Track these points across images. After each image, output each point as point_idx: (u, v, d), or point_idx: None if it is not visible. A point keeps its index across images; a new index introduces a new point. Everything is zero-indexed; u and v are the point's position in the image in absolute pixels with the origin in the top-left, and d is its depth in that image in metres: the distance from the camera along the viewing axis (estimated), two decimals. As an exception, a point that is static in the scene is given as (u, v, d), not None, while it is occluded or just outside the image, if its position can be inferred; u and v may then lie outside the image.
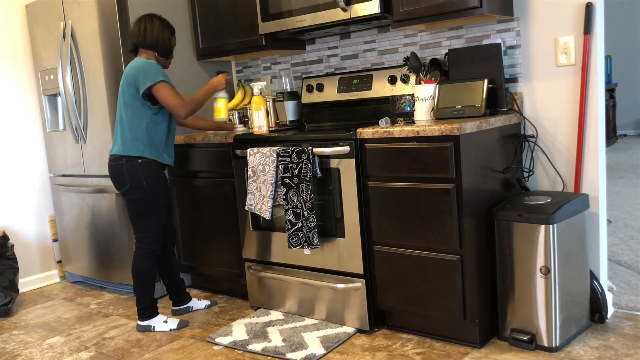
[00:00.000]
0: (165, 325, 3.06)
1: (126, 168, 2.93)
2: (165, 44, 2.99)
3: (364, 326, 2.80)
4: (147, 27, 2.93)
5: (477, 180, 2.51)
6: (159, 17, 3.00)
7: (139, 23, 2.96)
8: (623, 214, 4.46)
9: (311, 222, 2.78)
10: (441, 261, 2.51)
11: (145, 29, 2.93)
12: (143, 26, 2.94)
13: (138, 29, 2.94)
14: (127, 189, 2.96)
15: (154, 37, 2.94)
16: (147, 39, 2.93)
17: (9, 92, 3.97)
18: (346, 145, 2.69)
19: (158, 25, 2.95)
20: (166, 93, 2.86)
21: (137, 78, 2.85)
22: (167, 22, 3.02)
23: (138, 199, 2.96)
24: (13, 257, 3.66)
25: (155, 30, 2.94)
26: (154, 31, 2.94)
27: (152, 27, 2.94)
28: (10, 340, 3.13)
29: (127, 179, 2.94)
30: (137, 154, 2.92)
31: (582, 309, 2.60)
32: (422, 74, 2.92)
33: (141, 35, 2.93)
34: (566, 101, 2.72)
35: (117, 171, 2.96)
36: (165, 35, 2.97)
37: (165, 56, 3.03)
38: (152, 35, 2.94)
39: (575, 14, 2.64)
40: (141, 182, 2.93)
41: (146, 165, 2.94)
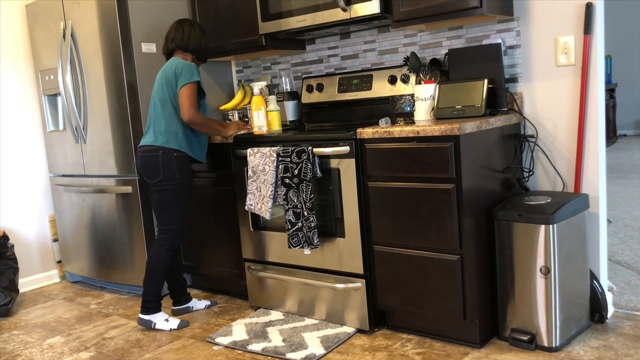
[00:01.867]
0: (165, 323, 3.06)
1: (162, 159, 2.98)
2: (207, 49, 3.15)
3: (364, 326, 2.80)
4: (191, 32, 3.07)
5: (477, 180, 2.51)
6: (197, 23, 3.16)
7: (181, 27, 3.07)
8: (623, 214, 4.46)
9: (311, 222, 2.78)
10: (441, 261, 2.51)
11: (190, 34, 3.06)
12: (187, 31, 3.07)
13: (182, 33, 3.06)
14: (159, 180, 3.00)
15: (197, 42, 3.08)
16: (191, 43, 3.07)
17: (9, 92, 3.97)
18: (346, 145, 2.69)
19: (199, 31, 3.10)
20: (187, 93, 2.94)
21: (179, 76, 2.95)
22: (203, 29, 3.17)
23: (168, 190, 3.00)
24: (13, 257, 3.67)
25: (197, 36, 3.08)
26: (197, 37, 3.08)
27: (195, 32, 3.08)
28: (10, 340, 3.13)
29: (161, 169, 2.98)
30: (174, 146, 2.99)
31: (582, 309, 2.60)
32: (422, 74, 2.92)
33: (185, 39, 3.05)
34: (566, 101, 2.72)
35: (151, 162, 2.99)
36: (204, 41, 3.13)
37: (202, 60, 3.17)
38: (195, 40, 3.07)
39: (575, 14, 2.64)
40: (175, 174, 2.99)
41: (180, 159, 3.01)
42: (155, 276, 3.04)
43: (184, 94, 2.94)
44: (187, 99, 2.94)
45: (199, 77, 2.98)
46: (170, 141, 2.99)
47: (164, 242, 3.04)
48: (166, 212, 3.03)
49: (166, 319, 3.08)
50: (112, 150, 3.53)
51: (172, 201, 3.02)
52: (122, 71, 3.39)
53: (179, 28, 3.07)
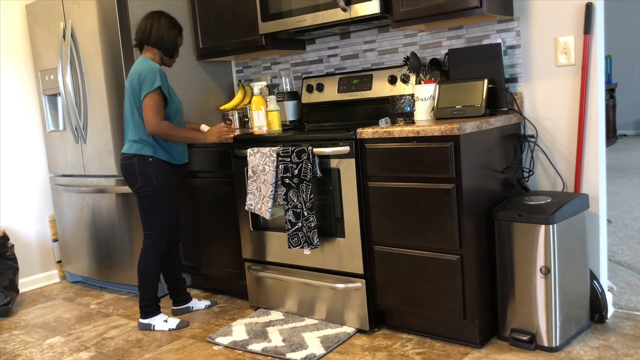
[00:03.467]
0: (165, 324, 3.06)
1: (137, 166, 2.96)
2: (170, 43, 2.98)
3: (364, 326, 2.80)
4: (153, 25, 2.93)
5: (477, 180, 2.51)
6: (167, 15, 2.99)
7: (146, 20, 2.96)
8: (623, 214, 4.46)
9: (311, 222, 2.78)
10: (441, 261, 2.51)
11: (152, 27, 2.93)
12: (150, 23, 2.93)
13: (144, 26, 2.94)
14: (138, 187, 2.98)
15: (159, 35, 2.94)
16: (152, 37, 2.94)
17: (9, 92, 3.97)
18: (346, 145, 2.69)
19: (165, 24, 2.94)
20: (149, 104, 2.85)
21: (142, 84, 2.86)
22: (175, 21, 3.01)
23: (148, 196, 2.98)
24: (13, 257, 3.66)
25: (161, 28, 2.93)
26: (159, 30, 2.93)
27: (159, 25, 2.93)
28: (10, 340, 3.13)
29: (138, 177, 2.96)
30: (148, 153, 2.95)
31: (582, 309, 2.60)
32: (422, 74, 2.92)
33: (147, 32, 2.93)
34: (566, 101, 2.72)
35: (129, 170, 2.99)
36: (171, 35, 2.97)
37: (169, 55, 3.02)
38: (157, 34, 2.93)
39: (575, 14, 2.64)
40: (152, 180, 2.96)
41: (157, 164, 2.97)
42: (147, 281, 3.05)
43: (146, 104, 2.85)
44: (150, 110, 2.85)
45: (160, 83, 2.86)
46: (144, 148, 2.95)
47: (149, 247, 3.04)
48: (148, 217, 3.02)
49: (165, 320, 3.08)
50: (112, 150, 3.53)
51: (152, 206, 3.00)
52: (122, 71, 3.39)
53: (144, 21, 2.96)
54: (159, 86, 2.85)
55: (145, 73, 2.86)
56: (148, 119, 2.86)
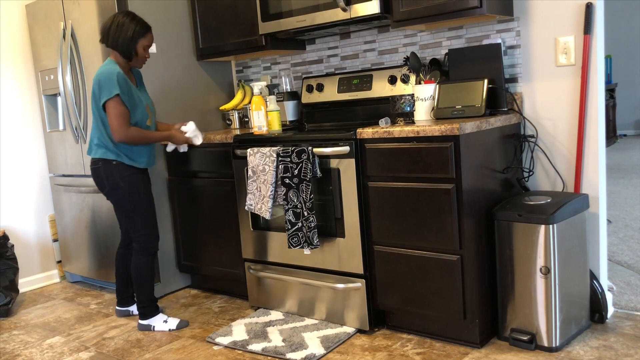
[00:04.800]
0: (164, 325, 3.06)
1: (103, 171, 2.93)
2: (125, 45, 2.83)
3: (364, 326, 2.80)
4: (112, 26, 2.82)
5: (477, 180, 2.51)
6: (131, 16, 2.86)
7: (108, 20, 2.87)
8: (623, 214, 4.46)
9: (311, 222, 2.78)
10: (441, 261, 2.51)
11: (110, 27, 2.82)
12: (109, 23, 2.84)
13: (104, 27, 2.85)
14: (107, 191, 2.97)
15: (115, 37, 2.83)
16: (109, 39, 2.84)
17: (9, 92, 3.97)
18: (346, 145, 2.69)
19: (123, 25, 2.82)
20: (113, 112, 2.79)
21: (101, 91, 2.80)
22: (138, 23, 2.86)
23: (119, 200, 2.97)
24: (13, 257, 3.66)
25: (118, 29, 2.81)
26: (116, 31, 2.82)
27: (117, 26, 2.81)
28: (10, 340, 3.13)
29: (105, 181, 2.94)
30: (112, 157, 2.91)
31: (582, 309, 2.60)
32: (422, 74, 2.92)
33: (104, 33, 2.85)
34: (566, 101, 2.72)
35: (95, 174, 2.97)
36: (127, 36, 2.82)
37: (126, 58, 2.88)
38: (113, 36, 2.83)
39: (575, 14, 2.64)
40: (118, 183, 2.93)
41: (122, 167, 2.92)
42: (142, 282, 3.04)
43: (110, 113, 2.78)
44: (115, 119, 2.78)
45: (117, 90, 2.76)
46: (107, 152, 2.91)
47: (138, 249, 3.02)
48: (129, 220, 3.00)
49: (165, 320, 3.08)
50: (112, 150, 3.52)
51: (129, 209, 2.98)
52: (122, 71, 3.39)
53: (107, 21, 2.86)
54: (117, 94, 2.77)
55: (103, 79, 2.79)
56: (115, 129, 2.80)
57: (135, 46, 2.86)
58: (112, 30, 2.82)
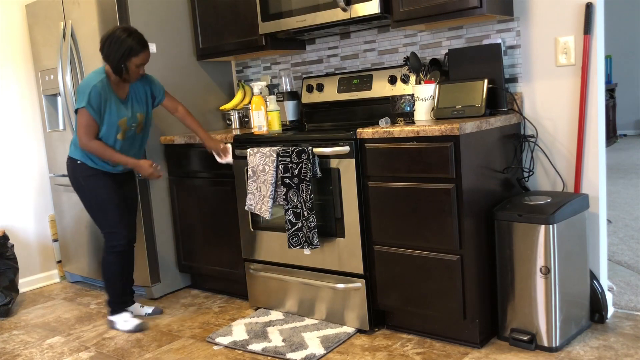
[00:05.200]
0: (124, 324, 3.12)
1: (69, 169, 3.04)
2: (115, 62, 2.83)
3: (364, 326, 2.80)
4: (107, 40, 2.82)
5: (477, 180, 2.51)
6: (128, 33, 2.82)
7: (108, 32, 2.85)
8: (623, 214, 4.46)
9: (311, 222, 2.78)
10: (441, 261, 2.51)
11: (106, 41, 2.83)
12: (106, 36, 2.84)
13: (102, 38, 2.86)
14: (74, 188, 3.07)
15: (108, 52, 2.83)
16: (103, 51, 2.85)
17: (8, 92, 3.97)
18: (346, 145, 2.69)
19: (118, 41, 2.80)
20: (79, 121, 2.86)
21: (77, 96, 2.87)
22: (133, 41, 2.82)
23: (82, 198, 3.07)
24: (13, 257, 3.66)
25: (112, 45, 2.80)
26: (110, 46, 2.81)
27: (112, 41, 2.81)
28: (10, 340, 3.13)
29: (70, 178, 3.05)
30: (76, 156, 3.00)
31: (582, 309, 2.60)
32: (422, 74, 2.92)
33: (101, 44, 2.85)
34: (566, 101, 2.72)
35: (67, 170, 3.08)
36: (118, 54, 2.80)
37: (116, 74, 2.87)
38: (107, 50, 2.83)
39: (575, 14, 2.64)
40: (80, 182, 3.01)
41: (84, 167, 2.99)
42: (106, 279, 3.11)
43: (79, 120, 2.86)
44: (81, 127, 2.86)
45: (84, 103, 2.80)
46: (75, 152, 3.00)
47: (106, 246, 3.08)
48: (95, 217, 3.08)
49: (125, 320, 3.12)
50: (112, 150, 3.52)
51: (92, 206, 3.05)
52: (122, 71, 3.39)
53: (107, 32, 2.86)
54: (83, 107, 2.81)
55: (82, 86, 2.86)
56: (79, 136, 2.88)
57: (127, 64, 2.84)
58: (107, 44, 2.83)
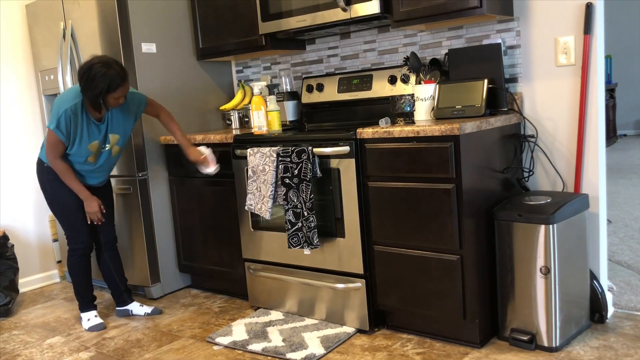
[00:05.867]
0: (86, 322, 3.19)
1: (37, 170, 3.08)
2: (92, 99, 2.77)
3: (364, 326, 2.80)
4: (84, 75, 2.72)
5: (477, 180, 2.51)
6: (106, 69, 2.71)
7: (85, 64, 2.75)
8: (623, 214, 4.46)
9: (311, 222, 2.78)
10: (441, 261, 2.51)
11: (83, 76, 2.73)
12: (83, 69, 2.73)
13: (79, 69, 2.76)
14: (41, 189, 3.09)
15: (84, 87, 2.75)
16: (81, 85, 2.76)
17: (8, 92, 3.97)
18: (346, 145, 2.69)
19: (94, 79, 2.71)
20: (48, 140, 2.85)
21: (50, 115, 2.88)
22: (110, 79, 2.71)
23: (46, 199, 3.10)
24: (13, 257, 3.66)
25: (89, 82, 2.72)
26: (87, 82, 2.73)
27: (88, 78, 2.71)
28: (10, 340, 3.13)
29: (37, 179, 3.08)
30: (44, 160, 3.01)
31: (582, 309, 2.60)
32: (422, 74, 2.92)
33: (78, 75, 2.76)
34: (566, 101, 2.72)
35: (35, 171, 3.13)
36: (94, 93, 2.73)
37: (94, 108, 2.84)
38: (83, 85, 2.75)
39: (575, 14, 2.64)
40: (45, 184, 3.05)
41: (49, 170, 3.00)
42: (73, 279, 3.18)
43: (47, 138, 2.85)
44: (47, 144, 2.86)
45: (52, 126, 2.78)
46: (43, 154, 3.01)
47: (69, 249, 3.13)
48: (58, 220, 3.13)
49: (88, 319, 3.19)
50: (112, 150, 3.52)
51: (54, 210, 3.11)
52: (122, 71, 3.39)
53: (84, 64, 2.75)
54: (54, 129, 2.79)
55: (56, 105, 2.84)
56: (46, 152, 2.90)
57: (105, 98, 2.78)
58: (84, 79, 2.73)
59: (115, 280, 3.29)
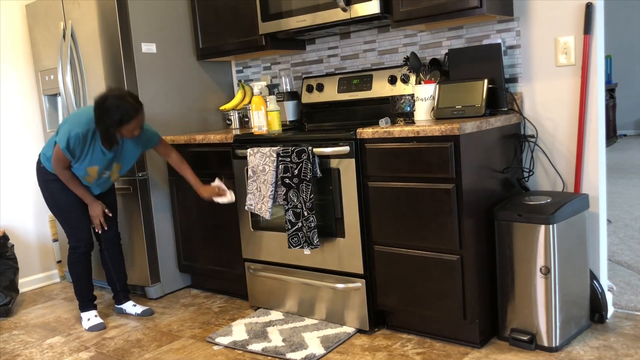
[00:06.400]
0: (86, 322, 3.19)
1: (36, 169, 3.10)
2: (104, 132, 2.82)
3: (364, 326, 2.80)
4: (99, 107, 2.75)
5: (477, 180, 2.51)
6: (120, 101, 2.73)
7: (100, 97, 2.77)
8: (623, 214, 4.46)
9: (311, 222, 2.78)
10: (441, 261, 2.51)
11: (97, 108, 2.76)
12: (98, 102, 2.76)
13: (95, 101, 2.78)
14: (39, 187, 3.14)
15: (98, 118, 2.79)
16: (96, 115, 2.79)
17: (9, 92, 3.97)
18: (346, 145, 2.69)
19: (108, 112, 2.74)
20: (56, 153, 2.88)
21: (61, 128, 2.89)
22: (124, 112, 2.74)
23: (44, 198, 3.11)
24: (13, 257, 3.66)
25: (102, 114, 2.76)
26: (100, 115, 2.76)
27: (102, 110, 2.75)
28: (10, 340, 3.13)
29: (37, 181, 3.13)
30: (42, 160, 3.05)
31: (582, 309, 2.60)
32: (422, 74, 2.92)
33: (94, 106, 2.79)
34: (566, 101, 2.72)
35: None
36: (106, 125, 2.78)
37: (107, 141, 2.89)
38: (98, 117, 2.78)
39: (575, 14, 2.64)
40: (42, 185, 3.08)
41: (45, 171, 3.04)
42: (73, 278, 3.20)
43: (55, 149, 2.87)
44: (54, 156, 2.88)
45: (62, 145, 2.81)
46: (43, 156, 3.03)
47: (69, 247, 3.15)
48: (57, 220, 3.14)
49: (88, 319, 3.19)
50: (112, 150, 3.52)
51: (51, 209, 3.12)
52: (122, 71, 3.39)
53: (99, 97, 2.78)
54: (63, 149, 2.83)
55: (69, 123, 2.86)
56: (52, 164, 2.92)
57: (120, 130, 2.81)
58: (98, 111, 2.76)
59: (113, 279, 3.31)
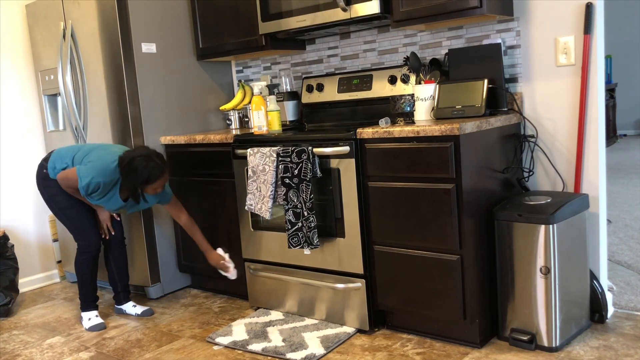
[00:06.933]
0: (87, 322, 3.20)
1: (36, 178, 3.12)
2: (129, 189, 2.89)
3: (364, 326, 2.80)
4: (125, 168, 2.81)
5: (477, 180, 2.51)
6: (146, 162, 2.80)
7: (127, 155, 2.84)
8: (623, 214, 4.46)
9: (311, 222, 2.78)
10: (441, 261, 2.51)
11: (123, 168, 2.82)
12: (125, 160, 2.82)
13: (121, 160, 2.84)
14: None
15: (123, 175, 2.85)
16: (122, 173, 2.85)
17: (9, 92, 3.97)
18: (346, 145, 2.69)
19: (135, 171, 2.80)
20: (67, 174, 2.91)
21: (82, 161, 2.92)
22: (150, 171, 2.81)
23: (51, 209, 3.14)
24: (13, 257, 3.66)
25: (129, 173, 2.82)
26: (127, 173, 2.82)
27: (130, 168, 2.81)
28: (10, 340, 3.13)
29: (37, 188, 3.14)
30: (45, 165, 3.06)
31: (582, 309, 2.60)
32: (422, 74, 2.92)
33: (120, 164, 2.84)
34: (566, 101, 2.72)
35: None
36: (133, 184, 2.85)
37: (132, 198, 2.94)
38: (124, 175, 2.84)
39: (575, 14, 2.64)
40: (42, 189, 3.10)
41: (46, 176, 3.06)
42: (79, 277, 3.21)
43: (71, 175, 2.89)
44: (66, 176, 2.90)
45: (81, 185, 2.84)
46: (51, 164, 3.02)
47: (78, 247, 3.16)
48: (65, 225, 3.16)
49: (89, 318, 3.20)
50: (112, 150, 3.52)
51: (55, 212, 3.14)
52: (122, 71, 3.39)
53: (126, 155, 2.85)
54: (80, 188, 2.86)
55: (94, 164, 2.87)
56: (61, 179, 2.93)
57: (144, 188, 2.88)
58: (125, 170, 2.83)
59: (115, 279, 3.31)
